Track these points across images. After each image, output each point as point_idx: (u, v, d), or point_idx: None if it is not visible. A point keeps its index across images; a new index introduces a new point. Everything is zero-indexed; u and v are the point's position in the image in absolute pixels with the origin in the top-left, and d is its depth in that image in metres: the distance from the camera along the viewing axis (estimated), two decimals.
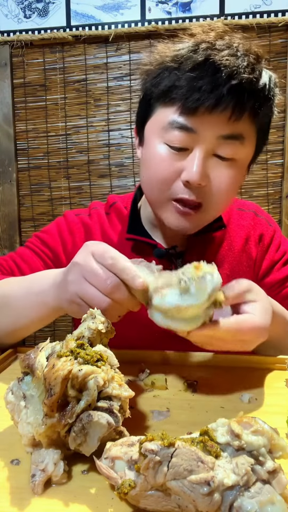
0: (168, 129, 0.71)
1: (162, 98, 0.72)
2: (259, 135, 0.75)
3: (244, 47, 0.69)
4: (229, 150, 0.70)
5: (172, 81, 0.70)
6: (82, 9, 1.90)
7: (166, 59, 0.71)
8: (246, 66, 0.66)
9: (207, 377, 0.68)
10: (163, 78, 0.72)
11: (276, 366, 0.71)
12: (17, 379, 0.51)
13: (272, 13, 1.79)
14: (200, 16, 1.83)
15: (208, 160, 0.70)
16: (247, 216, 0.93)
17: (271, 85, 0.71)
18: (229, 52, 0.67)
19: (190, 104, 0.67)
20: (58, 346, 0.50)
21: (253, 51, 0.69)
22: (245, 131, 0.71)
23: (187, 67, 0.68)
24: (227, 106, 0.67)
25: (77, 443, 0.45)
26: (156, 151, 0.73)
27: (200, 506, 0.37)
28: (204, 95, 0.66)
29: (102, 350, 0.50)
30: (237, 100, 0.67)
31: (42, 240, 0.92)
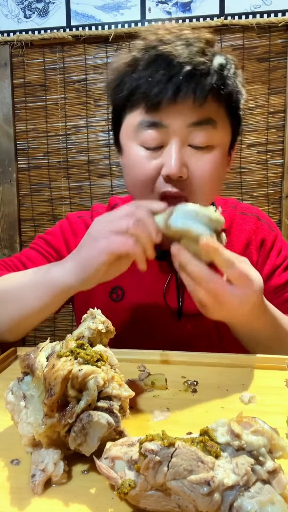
0: (139, 130, 0.72)
1: (127, 103, 0.74)
2: (231, 117, 0.75)
3: (192, 36, 0.71)
4: (203, 136, 0.71)
5: (131, 84, 0.71)
6: (82, 9, 1.90)
7: (122, 65, 0.73)
8: (197, 51, 0.68)
9: (207, 377, 0.68)
10: (123, 84, 0.73)
11: (276, 366, 0.71)
12: (17, 379, 0.51)
13: (272, 13, 1.79)
14: (200, 16, 1.83)
15: (184, 152, 0.71)
16: (250, 220, 0.93)
17: (228, 64, 0.72)
18: (179, 43, 0.69)
19: (152, 99, 0.69)
20: (58, 346, 0.50)
21: (203, 38, 0.71)
22: (213, 114, 0.71)
23: (142, 67, 0.70)
24: (187, 92, 0.68)
25: (77, 443, 0.45)
26: (133, 154, 0.74)
27: (200, 506, 0.37)
28: (163, 87, 0.68)
29: (102, 350, 0.50)
30: (196, 84, 0.68)
31: (46, 241, 0.93)
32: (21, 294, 0.73)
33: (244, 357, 0.73)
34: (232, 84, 0.72)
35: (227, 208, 0.95)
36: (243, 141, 1.88)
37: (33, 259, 0.90)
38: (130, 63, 0.72)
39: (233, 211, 0.94)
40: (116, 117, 0.79)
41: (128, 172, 0.78)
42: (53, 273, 0.69)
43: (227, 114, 0.74)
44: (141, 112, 0.71)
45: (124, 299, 0.87)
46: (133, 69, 0.71)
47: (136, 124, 0.72)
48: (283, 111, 1.85)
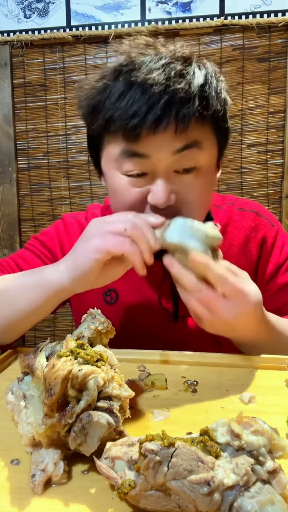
0: (121, 160, 0.68)
1: (103, 132, 0.70)
2: (217, 131, 0.71)
3: (168, 55, 0.66)
4: (188, 161, 0.67)
5: (106, 113, 0.67)
6: (82, 9, 1.90)
7: (94, 93, 0.69)
8: (174, 75, 0.63)
9: (207, 377, 0.68)
10: (97, 113, 0.69)
11: (276, 366, 0.71)
12: (17, 379, 0.51)
13: (272, 13, 1.79)
14: (200, 16, 1.83)
15: (170, 178, 0.68)
16: (248, 216, 0.91)
17: (208, 82, 0.67)
18: (154, 66, 0.64)
19: (131, 131, 0.64)
20: (58, 346, 0.50)
21: (179, 56, 0.66)
22: (198, 136, 0.67)
23: (115, 96, 0.65)
24: (168, 122, 0.63)
25: (77, 443, 0.45)
26: (118, 183, 0.71)
27: (200, 506, 0.37)
28: (142, 119, 0.63)
29: (102, 350, 0.50)
30: (176, 113, 0.63)
31: (41, 242, 0.93)
32: (15, 296, 0.72)
33: (244, 357, 0.73)
34: (215, 101, 0.68)
35: (224, 205, 0.92)
36: (243, 141, 1.88)
37: (27, 260, 0.90)
38: (102, 89, 0.68)
39: (230, 208, 0.91)
40: (93, 144, 0.76)
41: (113, 199, 0.75)
42: (47, 274, 0.69)
43: (212, 131, 0.70)
44: (119, 143, 0.68)
45: (118, 302, 0.87)
46: (106, 97, 0.67)
47: (117, 154, 0.69)
48: (283, 111, 1.85)
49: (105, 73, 0.69)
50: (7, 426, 0.53)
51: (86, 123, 0.74)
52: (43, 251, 0.92)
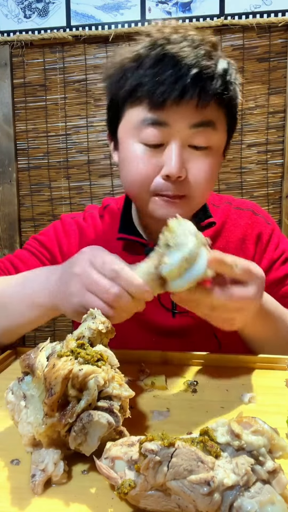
0: (141, 127, 0.72)
1: (129, 98, 0.74)
2: (229, 120, 0.77)
3: (198, 37, 0.71)
4: (203, 138, 0.72)
5: (136, 80, 0.71)
6: (82, 9, 1.90)
7: (126, 60, 0.73)
8: (204, 54, 0.69)
9: (207, 377, 0.68)
10: (126, 79, 0.73)
11: (276, 366, 0.71)
12: (17, 379, 0.51)
13: (272, 13, 1.79)
14: (200, 16, 1.83)
15: (184, 152, 0.72)
16: (245, 215, 0.93)
17: (230, 69, 0.73)
18: (186, 44, 0.69)
19: (157, 98, 0.69)
20: (58, 346, 0.50)
21: (208, 40, 0.72)
22: (214, 117, 0.72)
23: (148, 64, 0.70)
24: (192, 94, 0.68)
25: (78, 443, 0.45)
26: (133, 152, 0.74)
27: (200, 506, 0.37)
28: (169, 88, 0.68)
29: (102, 350, 0.50)
30: (201, 87, 0.68)
31: (40, 242, 0.94)
32: (8, 306, 0.74)
33: (244, 357, 0.73)
34: (233, 89, 0.74)
35: (221, 204, 0.95)
36: (243, 141, 1.88)
37: (25, 260, 0.91)
38: (135, 58, 0.72)
39: (227, 207, 0.94)
40: (114, 111, 0.78)
41: (126, 169, 0.77)
42: (38, 294, 0.69)
43: (225, 117, 0.75)
44: (144, 109, 0.71)
45: None
46: (138, 65, 0.71)
47: (138, 121, 0.72)
48: (283, 111, 1.85)
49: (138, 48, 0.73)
50: (7, 426, 0.53)
51: (110, 91, 0.78)
52: (41, 251, 0.93)
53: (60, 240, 0.93)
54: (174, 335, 0.85)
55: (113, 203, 0.96)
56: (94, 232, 0.93)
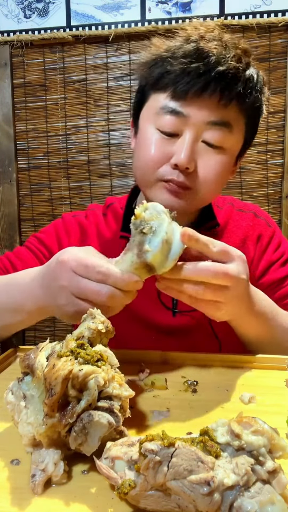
0: (160, 114, 0.74)
1: (155, 85, 0.76)
2: (248, 127, 0.77)
3: (232, 41, 0.73)
4: (217, 136, 0.73)
5: (164, 68, 0.73)
6: (82, 9, 1.90)
7: (160, 51, 0.75)
8: (233, 56, 0.71)
9: (207, 377, 0.68)
10: (156, 66, 0.75)
11: (276, 366, 0.71)
12: (17, 379, 0.51)
13: (272, 13, 1.79)
14: (200, 16, 1.83)
15: (197, 146, 0.73)
16: (246, 217, 0.93)
17: (258, 78, 0.75)
18: (218, 43, 0.71)
19: (180, 88, 0.71)
20: (58, 346, 0.50)
21: (241, 46, 0.73)
22: (232, 119, 0.73)
23: (178, 56, 0.71)
24: (215, 90, 0.70)
25: (78, 443, 0.45)
26: (148, 136, 0.75)
27: (200, 506, 0.37)
28: (193, 79, 0.70)
29: (102, 350, 0.50)
30: (225, 86, 0.70)
31: (40, 240, 0.94)
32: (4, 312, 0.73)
33: (244, 357, 0.73)
34: (257, 97, 0.75)
35: (224, 205, 0.95)
36: None
37: (24, 258, 0.91)
38: (169, 49, 0.74)
39: (230, 208, 0.94)
40: (140, 96, 0.81)
41: (138, 153, 0.79)
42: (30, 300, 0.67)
43: (244, 123, 0.76)
44: (166, 97, 0.73)
45: None
46: (170, 56, 0.73)
47: (159, 107, 0.74)
48: (283, 111, 1.85)
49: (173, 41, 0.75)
50: (7, 426, 0.53)
51: (141, 76, 0.80)
52: (40, 249, 0.92)
53: (61, 238, 0.93)
54: (174, 334, 0.85)
55: (116, 202, 0.96)
56: (96, 231, 0.93)
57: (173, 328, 0.85)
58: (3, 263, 0.91)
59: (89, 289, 0.56)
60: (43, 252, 0.92)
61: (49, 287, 0.62)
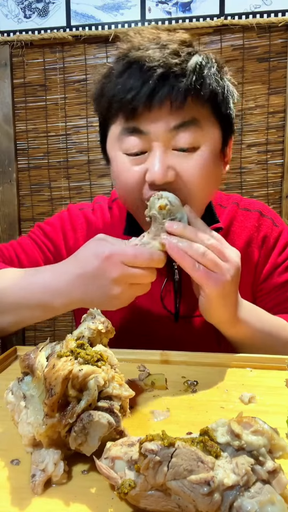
0: (122, 139, 0.71)
1: (108, 114, 0.73)
2: (219, 115, 0.72)
3: (166, 38, 0.69)
4: (186, 138, 0.68)
5: (109, 94, 0.70)
6: (82, 9, 1.90)
7: (100, 77, 0.73)
8: (169, 53, 0.66)
9: (207, 377, 0.68)
10: (102, 96, 0.73)
11: (276, 366, 0.71)
12: (17, 379, 0.51)
13: (272, 13, 1.79)
14: (200, 16, 1.83)
15: (169, 155, 0.69)
16: (252, 216, 0.90)
17: (209, 62, 0.69)
18: (152, 47, 0.67)
19: (127, 106, 0.67)
20: (58, 346, 0.50)
21: (177, 39, 0.70)
22: (196, 114, 0.68)
23: (115, 76, 0.69)
24: (162, 96, 0.65)
25: (78, 443, 0.45)
26: (119, 163, 0.73)
27: (200, 506, 0.37)
28: (137, 93, 0.66)
29: (102, 350, 0.50)
30: (170, 87, 0.65)
31: (44, 232, 0.92)
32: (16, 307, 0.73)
33: (244, 357, 0.73)
34: (214, 82, 0.69)
35: (228, 205, 0.92)
36: (243, 141, 1.88)
37: (28, 250, 0.89)
38: (106, 74, 0.72)
39: (234, 208, 0.91)
40: (102, 130, 0.78)
41: (116, 181, 0.77)
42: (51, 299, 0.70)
43: (212, 114, 0.71)
44: (121, 121, 0.70)
45: None
46: (109, 79, 0.71)
47: (118, 133, 0.71)
48: (283, 111, 1.85)
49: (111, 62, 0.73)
50: (7, 426, 0.53)
51: (96, 111, 0.78)
52: (45, 242, 0.91)
53: (67, 233, 0.91)
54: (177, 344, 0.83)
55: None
56: (103, 225, 0.91)
57: (175, 332, 0.85)
58: (9, 252, 0.90)
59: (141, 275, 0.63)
60: (47, 245, 0.91)
61: (93, 284, 0.65)
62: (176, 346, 0.77)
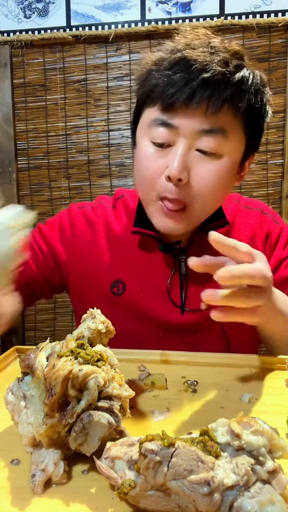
0: (152, 126, 0.74)
1: (146, 99, 0.76)
2: (248, 130, 0.75)
3: (221, 45, 0.72)
4: (211, 143, 0.71)
5: (153, 82, 0.73)
6: (82, 9, 1.90)
7: (149, 64, 0.75)
8: (219, 60, 0.69)
9: (207, 377, 0.68)
10: (147, 81, 0.75)
11: (276, 366, 0.71)
12: (17, 379, 0.51)
13: (272, 13, 1.79)
14: (200, 16, 1.83)
15: (190, 155, 0.71)
16: (254, 214, 0.92)
17: (254, 79, 0.73)
18: (204, 50, 0.70)
19: (167, 99, 0.70)
20: (58, 346, 0.50)
21: (230, 49, 0.72)
22: (226, 124, 0.71)
23: (165, 67, 0.71)
24: (201, 98, 0.68)
25: (78, 443, 0.45)
26: (143, 150, 0.75)
27: (200, 506, 0.37)
28: (179, 90, 0.69)
29: (102, 350, 0.50)
30: (211, 92, 0.68)
31: (41, 232, 0.93)
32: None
33: (244, 357, 0.73)
34: (253, 98, 0.72)
35: (230, 203, 0.94)
36: None
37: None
38: (157, 61, 0.74)
39: (236, 206, 0.93)
40: (137, 111, 0.81)
41: (136, 166, 0.79)
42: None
43: (242, 127, 0.74)
44: (157, 110, 0.73)
45: (125, 293, 0.87)
46: (158, 67, 0.73)
47: (151, 120, 0.74)
48: (283, 111, 1.85)
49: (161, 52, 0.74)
50: (7, 426, 0.53)
51: (136, 93, 0.80)
52: (38, 241, 0.91)
53: (64, 229, 0.91)
54: (181, 332, 0.84)
55: (127, 195, 0.94)
56: (104, 223, 0.91)
57: (181, 326, 0.85)
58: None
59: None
60: (40, 245, 0.91)
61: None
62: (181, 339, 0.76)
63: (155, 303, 0.86)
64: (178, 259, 0.85)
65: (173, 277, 0.86)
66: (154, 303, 0.86)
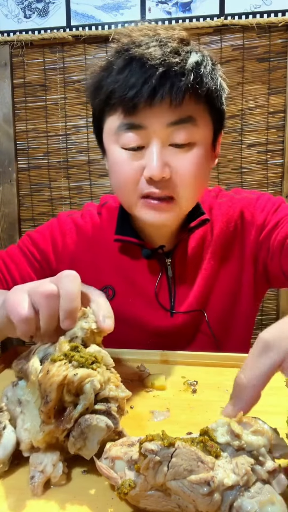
0: (119, 133, 0.72)
1: (105, 107, 0.74)
2: (213, 111, 0.75)
3: (166, 35, 0.71)
4: (183, 135, 0.70)
5: (108, 88, 0.71)
6: (82, 9, 1.90)
7: (98, 70, 0.74)
8: (170, 52, 0.68)
9: (207, 377, 0.68)
10: (100, 89, 0.73)
11: None
12: (12, 384, 0.50)
13: (272, 13, 1.79)
14: (200, 16, 1.83)
15: (166, 152, 0.71)
16: (226, 202, 0.91)
17: (204, 60, 0.72)
18: (152, 44, 0.69)
19: (129, 103, 0.69)
20: (51, 348, 0.48)
21: (176, 37, 0.71)
22: (193, 112, 0.71)
23: (117, 71, 0.70)
24: (163, 94, 0.67)
25: (77, 448, 0.44)
26: (116, 157, 0.74)
27: (200, 506, 0.37)
28: (138, 90, 0.67)
29: (96, 351, 0.48)
30: (171, 85, 0.67)
31: (33, 241, 0.92)
32: None
33: (244, 357, 0.73)
34: (210, 80, 0.72)
35: (208, 198, 0.93)
36: (243, 141, 1.88)
37: (16, 260, 0.89)
38: (105, 67, 0.73)
39: (213, 200, 0.92)
40: (96, 121, 0.79)
41: (112, 174, 0.78)
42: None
43: (207, 110, 0.74)
44: (119, 116, 0.71)
45: (115, 299, 0.87)
46: (108, 73, 0.71)
47: (116, 128, 0.73)
48: (283, 111, 1.85)
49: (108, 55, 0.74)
50: None
51: (91, 102, 0.79)
52: (32, 251, 0.90)
53: (55, 238, 0.91)
54: (171, 335, 0.84)
55: (111, 201, 0.94)
56: (92, 230, 0.91)
57: (171, 329, 0.85)
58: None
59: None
60: (34, 254, 0.90)
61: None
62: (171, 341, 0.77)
63: (144, 308, 0.86)
64: (164, 263, 0.85)
65: (160, 281, 0.86)
66: (143, 308, 0.86)
